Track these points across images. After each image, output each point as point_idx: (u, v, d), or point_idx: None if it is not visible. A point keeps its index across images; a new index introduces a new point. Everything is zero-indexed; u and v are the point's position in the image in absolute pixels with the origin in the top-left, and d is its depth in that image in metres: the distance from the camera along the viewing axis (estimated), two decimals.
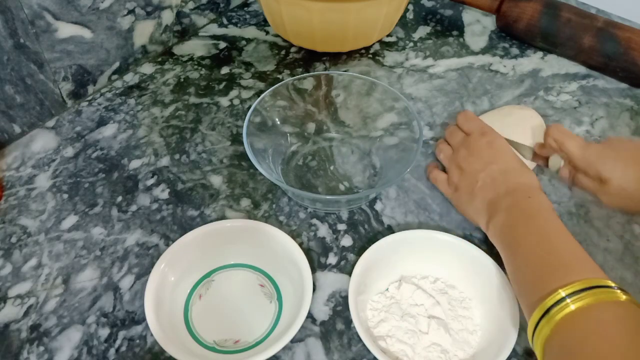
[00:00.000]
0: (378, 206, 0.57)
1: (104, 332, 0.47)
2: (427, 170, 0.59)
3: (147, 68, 0.73)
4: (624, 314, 0.37)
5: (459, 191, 0.53)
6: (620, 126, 0.66)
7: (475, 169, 0.52)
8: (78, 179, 0.59)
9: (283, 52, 0.76)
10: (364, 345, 0.45)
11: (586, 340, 0.36)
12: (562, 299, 0.38)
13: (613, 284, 0.38)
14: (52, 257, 0.52)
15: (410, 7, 0.85)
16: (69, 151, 0.62)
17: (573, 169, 0.53)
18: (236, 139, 0.63)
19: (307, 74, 0.61)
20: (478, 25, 0.82)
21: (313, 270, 0.48)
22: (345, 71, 0.72)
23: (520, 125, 0.59)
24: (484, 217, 0.50)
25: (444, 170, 0.57)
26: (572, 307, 0.38)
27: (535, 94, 0.70)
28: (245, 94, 0.69)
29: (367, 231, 0.54)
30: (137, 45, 0.71)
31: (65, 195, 0.57)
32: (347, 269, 0.51)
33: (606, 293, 0.38)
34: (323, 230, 0.54)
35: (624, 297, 0.38)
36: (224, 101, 0.68)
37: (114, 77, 0.70)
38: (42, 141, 0.63)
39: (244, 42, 0.78)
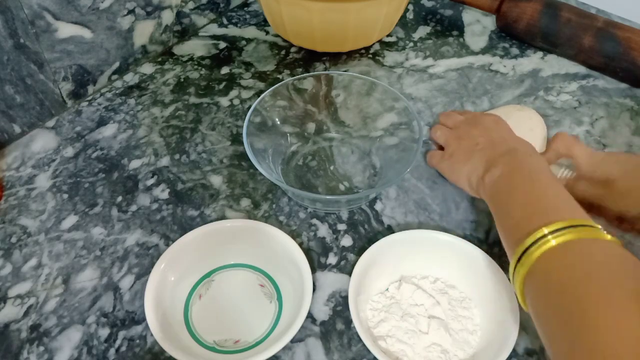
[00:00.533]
0: (378, 206, 0.57)
1: (104, 332, 0.47)
2: (427, 158, 0.59)
3: (147, 68, 0.73)
4: (608, 250, 0.36)
5: (455, 155, 0.53)
6: (620, 126, 0.66)
7: (475, 135, 0.52)
8: (78, 179, 0.59)
9: (283, 52, 0.76)
10: (364, 345, 0.44)
11: (567, 271, 0.35)
12: (544, 236, 0.37)
13: (599, 226, 0.37)
14: (52, 257, 0.52)
15: (410, 7, 0.85)
16: (69, 151, 0.62)
17: (571, 180, 0.53)
18: (236, 139, 0.63)
19: (307, 74, 0.61)
20: (478, 25, 0.82)
21: (313, 270, 0.48)
22: (345, 71, 0.72)
23: (520, 126, 0.59)
24: (479, 171, 0.49)
25: None
26: (553, 242, 0.37)
27: (535, 94, 0.70)
28: (245, 94, 0.69)
29: (367, 231, 0.54)
30: (137, 45, 0.71)
31: (65, 195, 0.57)
32: (347, 269, 0.51)
33: (590, 231, 0.37)
34: (323, 230, 0.54)
35: (609, 237, 0.37)
36: (224, 101, 0.68)
37: (114, 77, 0.70)
38: (42, 141, 0.63)
39: (244, 42, 0.78)
